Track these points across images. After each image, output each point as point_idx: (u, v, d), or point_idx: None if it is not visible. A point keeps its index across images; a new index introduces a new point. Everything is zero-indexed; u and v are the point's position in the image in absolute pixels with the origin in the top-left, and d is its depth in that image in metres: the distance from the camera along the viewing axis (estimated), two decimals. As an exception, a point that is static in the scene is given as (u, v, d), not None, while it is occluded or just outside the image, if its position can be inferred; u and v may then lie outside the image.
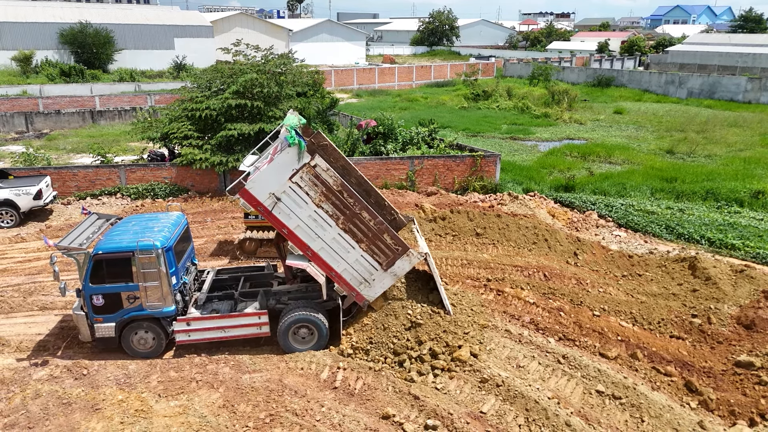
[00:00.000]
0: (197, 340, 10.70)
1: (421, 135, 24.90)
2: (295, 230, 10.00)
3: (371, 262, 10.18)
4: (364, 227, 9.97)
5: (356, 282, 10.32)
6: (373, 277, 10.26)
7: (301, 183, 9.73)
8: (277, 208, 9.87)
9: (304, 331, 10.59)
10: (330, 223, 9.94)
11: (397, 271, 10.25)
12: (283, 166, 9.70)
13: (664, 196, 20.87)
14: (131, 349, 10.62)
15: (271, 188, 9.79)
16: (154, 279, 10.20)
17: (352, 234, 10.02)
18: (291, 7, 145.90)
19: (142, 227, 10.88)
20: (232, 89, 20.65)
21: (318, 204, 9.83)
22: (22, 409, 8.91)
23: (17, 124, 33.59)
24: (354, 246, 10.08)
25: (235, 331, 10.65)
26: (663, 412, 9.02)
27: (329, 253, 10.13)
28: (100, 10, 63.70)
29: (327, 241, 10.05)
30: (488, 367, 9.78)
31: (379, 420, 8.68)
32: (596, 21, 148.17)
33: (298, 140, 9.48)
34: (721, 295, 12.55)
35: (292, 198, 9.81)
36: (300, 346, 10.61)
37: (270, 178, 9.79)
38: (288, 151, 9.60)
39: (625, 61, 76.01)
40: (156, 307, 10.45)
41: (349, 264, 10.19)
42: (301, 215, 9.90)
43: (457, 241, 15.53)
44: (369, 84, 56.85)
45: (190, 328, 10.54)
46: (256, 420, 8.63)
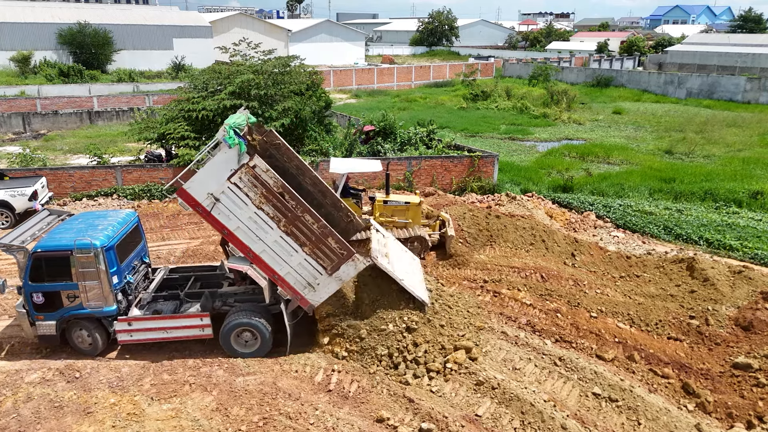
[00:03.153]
0: (140, 340, 10.65)
1: (419, 135, 24.83)
2: (235, 232, 9.81)
3: (315, 266, 9.94)
4: (307, 230, 9.73)
5: (300, 286, 10.10)
6: (317, 281, 10.03)
7: (240, 184, 9.52)
8: (216, 209, 9.68)
9: (248, 335, 10.46)
10: (271, 225, 9.72)
11: (342, 276, 10.00)
12: (221, 166, 9.52)
13: (662, 196, 20.81)
14: (75, 346, 10.69)
15: (209, 188, 9.60)
16: (93, 278, 10.16)
17: (294, 237, 9.78)
18: (290, 8, 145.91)
19: (87, 225, 10.81)
20: (229, 90, 20.59)
21: (258, 205, 9.61)
22: (13, 412, 8.82)
23: (14, 124, 33.52)
24: (297, 249, 9.85)
25: (178, 332, 10.57)
26: (660, 415, 8.95)
27: (271, 256, 9.91)
28: (98, 10, 63.65)
29: (269, 244, 9.84)
30: (484, 369, 9.70)
31: (373, 423, 8.60)
32: (595, 21, 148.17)
33: (238, 141, 9.32)
34: (719, 296, 12.48)
35: (232, 199, 9.62)
36: (243, 350, 10.49)
37: (208, 178, 9.60)
38: (226, 151, 9.42)
39: (624, 61, 75.96)
40: (96, 307, 10.41)
41: (292, 267, 9.96)
42: (241, 216, 9.71)
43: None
44: (368, 84, 56.79)
45: (132, 328, 10.47)
46: (249, 423, 8.54)
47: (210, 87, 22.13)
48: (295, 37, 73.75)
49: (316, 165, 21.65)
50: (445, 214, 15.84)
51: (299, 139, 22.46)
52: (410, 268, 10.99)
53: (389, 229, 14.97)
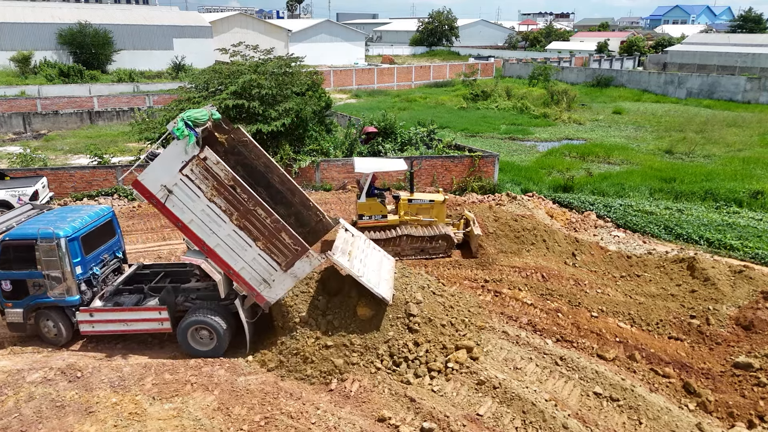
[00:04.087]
0: (101, 332, 10.85)
1: (419, 135, 24.84)
2: (189, 225, 9.82)
3: (270, 262, 9.88)
4: (260, 225, 9.69)
5: (256, 282, 10.05)
6: (272, 277, 9.98)
7: (192, 176, 9.53)
8: (170, 201, 9.70)
9: (205, 333, 10.49)
10: (224, 218, 9.69)
11: (297, 273, 9.93)
12: (173, 158, 9.55)
13: (662, 196, 20.81)
14: (42, 336, 10.93)
15: (162, 180, 9.64)
16: (56, 267, 10.40)
17: (247, 231, 9.74)
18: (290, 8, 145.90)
19: (58, 217, 11.09)
20: (230, 90, 20.59)
21: (210, 198, 9.61)
22: (15, 412, 8.83)
23: (15, 124, 33.53)
24: (251, 244, 9.80)
25: (137, 325, 10.67)
26: (661, 414, 8.96)
27: (226, 250, 9.88)
28: (98, 10, 63.67)
29: (222, 238, 9.81)
30: (485, 368, 9.71)
31: (374, 423, 8.61)
32: (595, 21, 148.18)
33: (188, 132, 9.33)
34: (720, 295, 12.49)
35: (184, 191, 9.63)
36: (199, 348, 10.52)
37: (161, 170, 9.65)
38: (176, 143, 9.47)
39: (624, 61, 75.97)
40: (59, 296, 10.64)
41: (246, 263, 9.92)
42: (194, 209, 9.71)
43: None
44: (368, 84, 56.79)
45: (93, 319, 10.64)
46: (251, 423, 8.55)
47: (211, 87, 22.13)
48: (295, 37, 73.75)
49: (316, 165, 21.68)
50: (468, 213, 15.83)
51: (300, 139, 22.46)
52: (378, 267, 10.88)
53: (415, 227, 15.05)
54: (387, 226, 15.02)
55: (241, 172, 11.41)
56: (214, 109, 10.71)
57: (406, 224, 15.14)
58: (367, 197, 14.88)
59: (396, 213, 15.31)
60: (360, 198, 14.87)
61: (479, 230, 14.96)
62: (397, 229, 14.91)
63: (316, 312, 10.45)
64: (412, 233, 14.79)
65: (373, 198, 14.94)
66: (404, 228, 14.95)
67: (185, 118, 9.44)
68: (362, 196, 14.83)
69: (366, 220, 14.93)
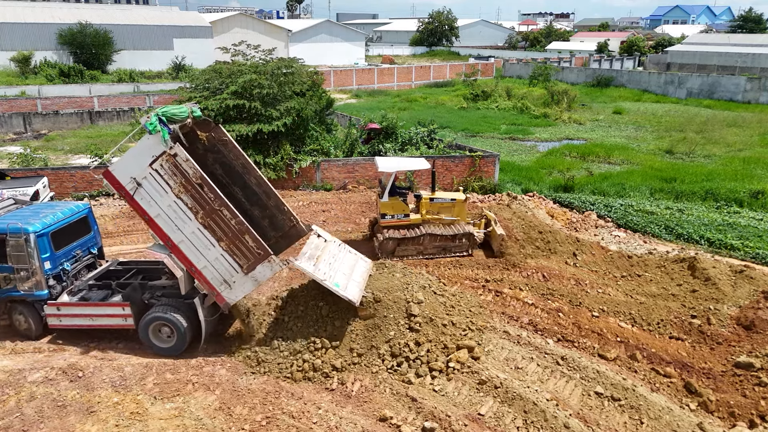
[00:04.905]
0: (68, 326, 11.03)
1: (420, 135, 24.84)
2: (155, 219, 9.92)
3: (232, 263, 9.96)
4: (224, 225, 9.77)
5: (217, 282, 10.13)
6: (233, 279, 10.04)
7: (161, 171, 9.65)
8: (138, 193, 9.83)
9: (166, 330, 10.59)
10: (189, 216, 9.79)
11: (258, 277, 9.99)
12: (144, 152, 9.67)
13: (663, 196, 20.81)
14: (16, 329, 11.15)
15: (132, 173, 9.77)
16: (24, 262, 10.61)
17: (211, 231, 9.82)
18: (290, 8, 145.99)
19: (32, 213, 11.38)
20: (231, 89, 20.59)
21: (177, 194, 9.71)
22: (16, 411, 8.84)
23: (15, 124, 33.54)
24: (214, 244, 9.88)
25: (102, 320, 10.85)
26: (662, 414, 8.96)
27: (189, 247, 9.97)
28: (99, 10, 63.68)
29: (186, 235, 9.91)
30: (486, 368, 9.72)
31: (376, 422, 8.61)
32: (595, 21, 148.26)
33: (161, 128, 9.45)
34: (721, 295, 12.49)
35: (153, 185, 9.75)
36: (160, 345, 10.65)
37: (131, 162, 9.80)
38: (148, 137, 9.59)
39: (624, 62, 76.00)
40: (28, 290, 10.84)
41: (209, 262, 10.01)
42: (162, 204, 9.82)
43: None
44: (368, 84, 56.80)
45: (61, 313, 10.86)
46: (252, 422, 8.56)
47: (211, 87, 22.13)
48: (295, 38, 73.76)
49: (317, 165, 21.68)
50: (489, 213, 15.82)
51: (300, 139, 22.46)
52: (351, 270, 10.86)
53: (437, 225, 15.07)
54: (409, 225, 15.05)
55: (219, 170, 11.56)
56: (196, 106, 10.85)
57: (428, 223, 15.15)
58: (390, 197, 14.90)
59: (417, 212, 15.33)
60: (382, 197, 14.88)
61: (501, 230, 14.93)
62: (420, 228, 14.95)
63: (318, 313, 10.46)
64: (434, 232, 14.83)
65: (395, 197, 14.97)
66: (427, 227, 14.98)
67: (159, 114, 9.61)
68: (385, 196, 14.83)
69: (389, 219, 14.96)
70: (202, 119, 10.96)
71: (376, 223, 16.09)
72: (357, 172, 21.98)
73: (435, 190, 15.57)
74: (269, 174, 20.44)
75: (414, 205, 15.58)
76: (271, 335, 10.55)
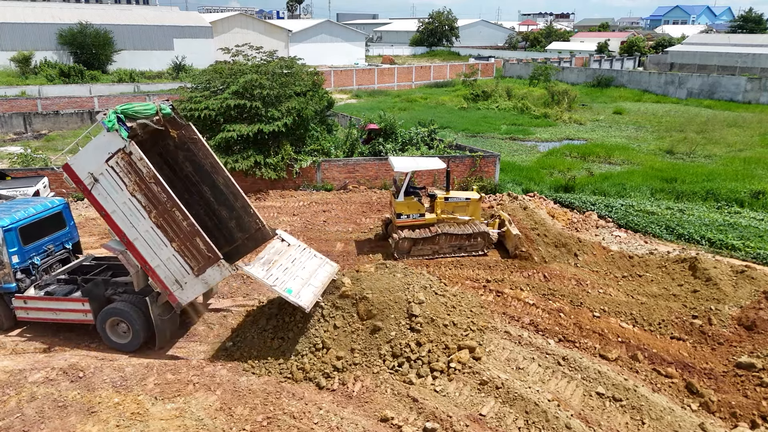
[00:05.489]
0: (34, 319, 11.33)
1: (420, 135, 24.83)
2: (112, 215, 10.05)
3: (183, 265, 10.05)
4: (176, 226, 9.86)
5: (170, 281, 10.22)
6: (185, 280, 10.13)
7: (117, 168, 9.77)
8: (96, 189, 9.97)
9: (124, 326, 10.73)
10: (143, 214, 9.91)
11: (207, 279, 10.06)
12: (101, 148, 9.79)
13: (664, 196, 20.80)
14: None
15: (89, 168, 9.91)
16: None
17: (164, 230, 9.92)
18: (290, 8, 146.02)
19: (5, 208, 11.75)
20: (232, 89, 20.57)
21: (132, 192, 9.83)
22: (17, 412, 8.84)
23: (15, 124, 33.53)
24: (166, 243, 9.98)
25: (64, 314, 11.09)
26: (664, 414, 8.95)
27: (143, 245, 10.08)
28: (99, 10, 63.68)
29: (141, 233, 10.03)
30: (488, 368, 9.70)
31: (377, 423, 8.60)
32: (596, 21, 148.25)
33: (118, 126, 9.56)
34: (722, 295, 12.48)
35: (109, 181, 9.87)
36: (117, 341, 10.81)
37: (89, 157, 9.93)
38: (104, 134, 9.69)
39: (624, 62, 75.99)
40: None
41: (162, 261, 10.11)
42: (117, 200, 9.95)
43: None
44: (368, 84, 56.79)
45: (28, 306, 11.18)
46: (254, 423, 8.55)
47: (212, 87, 22.12)
48: (295, 38, 73.75)
49: (317, 165, 21.67)
50: (504, 213, 15.82)
51: (301, 139, 22.45)
52: (310, 275, 10.80)
53: (452, 225, 15.07)
54: (425, 224, 15.05)
55: (189, 168, 11.71)
56: (166, 104, 10.96)
57: (443, 222, 15.16)
58: (405, 196, 14.90)
59: (432, 211, 15.33)
60: (398, 197, 14.88)
61: (516, 230, 14.90)
62: (436, 228, 14.95)
63: (319, 313, 10.46)
64: (450, 231, 14.84)
65: (410, 197, 14.96)
66: (442, 226, 14.98)
67: (118, 111, 9.74)
68: (400, 195, 14.83)
69: (404, 219, 14.97)
70: (172, 117, 11.11)
71: (390, 223, 16.11)
72: (357, 173, 21.98)
73: (449, 190, 15.56)
74: (270, 174, 20.42)
75: (428, 204, 15.59)
76: (272, 335, 10.55)
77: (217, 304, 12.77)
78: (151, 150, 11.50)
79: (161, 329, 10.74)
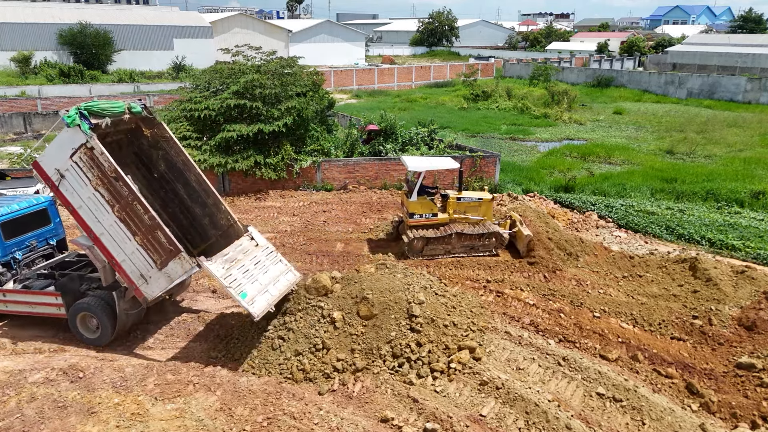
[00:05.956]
0: (13, 312, 11.56)
1: (420, 135, 24.82)
2: (78, 210, 10.17)
3: (147, 258, 10.13)
4: (138, 220, 9.95)
5: (135, 276, 10.30)
6: (149, 274, 10.21)
7: (80, 163, 9.88)
8: (63, 185, 10.09)
9: (94, 321, 10.85)
10: (107, 209, 10.01)
11: (170, 273, 10.09)
12: (65, 144, 9.92)
13: (664, 196, 20.80)
14: None
15: (56, 164, 10.05)
16: None
17: (127, 224, 10.02)
18: (290, 8, 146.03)
19: None
20: (232, 89, 20.57)
21: (95, 187, 9.94)
22: (17, 412, 8.82)
23: (15, 124, 33.51)
24: (130, 237, 10.07)
25: (39, 308, 11.30)
26: (664, 415, 8.94)
27: (109, 240, 10.18)
28: (99, 10, 63.68)
29: (106, 227, 10.13)
30: (488, 369, 9.70)
31: (377, 423, 8.60)
32: (596, 21, 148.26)
33: (80, 121, 9.67)
34: (722, 296, 12.47)
35: (74, 177, 9.99)
36: (88, 335, 10.99)
37: (55, 154, 10.08)
38: (66, 130, 9.82)
39: (624, 62, 75.99)
40: None
41: (127, 255, 10.19)
42: (83, 196, 10.06)
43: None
44: (368, 84, 56.79)
45: (6, 299, 11.43)
46: (254, 423, 8.54)
47: (212, 87, 22.12)
48: (295, 38, 73.75)
49: (317, 165, 21.66)
50: (515, 214, 15.80)
51: (301, 139, 22.45)
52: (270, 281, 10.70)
53: (464, 225, 15.10)
54: (437, 224, 15.06)
55: (163, 167, 11.83)
56: (137, 102, 11.07)
57: (456, 222, 15.18)
58: (418, 195, 14.91)
59: (444, 211, 15.34)
60: (411, 197, 14.88)
61: (528, 231, 14.88)
62: (449, 227, 14.96)
63: (319, 313, 10.45)
64: (463, 231, 14.85)
65: (423, 196, 14.96)
66: (455, 226, 14.99)
67: (81, 108, 9.87)
68: (413, 195, 14.83)
69: (417, 218, 14.99)
70: (144, 116, 11.20)
71: (401, 223, 16.12)
72: (357, 173, 21.97)
73: (461, 190, 15.58)
74: (270, 174, 20.42)
75: (440, 204, 15.59)
76: (272, 336, 10.54)
77: (217, 304, 12.77)
78: (127, 149, 11.71)
79: (124, 323, 10.94)
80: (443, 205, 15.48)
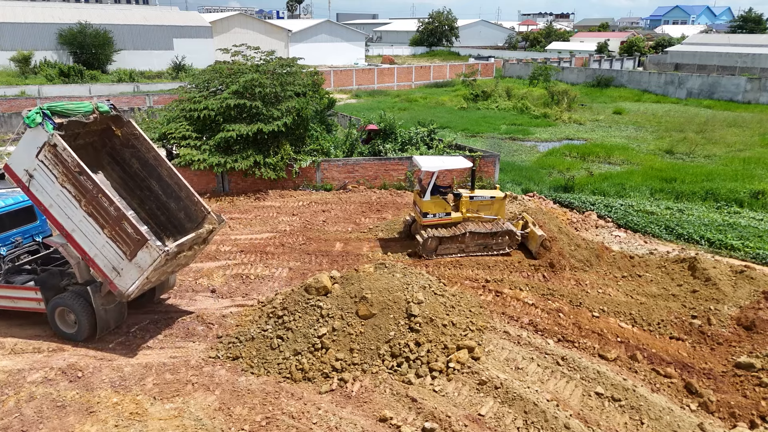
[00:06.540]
0: None
1: (420, 135, 24.82)
2: (49, 209, 10.27)
3: (117, 251, 10.21)
4: (104, 212, 10.03)
5: (108, 269, 10.37)
6: (121, 266, 10.28)
7: (46, 161, 9.98)
8: (32, 185, 10.20)
9: (72, 317, 10.92)
10: (75, 204, 10.10)
11: (141, 263, 10.14)
12: (30, 144, 10.03)
13: (663, 196, 20.80)
14: None
15: (24, 165, 10.18)
16: None
17: (95, 218, 10.10)
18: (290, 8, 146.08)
19: None
20: (232, 89, 20.57)
21: (62, 184, 10.03)
22: (15, 412, 8.83)
23: (15, 124, 33.49)
24: (99, 231, 10.16)
25: (21, 303, 11.39)
26: (663, 414, 8.95)
27: (80, 236, 10.27)
28: (99, 10, 63.71)
29: (76, 223, 10.22)
30: (487, 368, 9.70)
31: (376, 423, 8.60)
32: (595, 21, 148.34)
33: (41, 120, 9.78)
34: (721, 296, 12.48)
35: (42, 176, 10.09)
36: (66, 330, 11.04)
37: (22, 155, 10.19)
38: (29, 131, 9.96)
39: (624, 62, 76.00)
40: None
41: (98, 249, 10.28)
42: (51, 194, 10.16)
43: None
44: (368, 84, 56.80)
45: None
46: (252, 423, 8.55)
47: (212, 86, 22.12)
48: (295, 38, 73.77)
49: (317, 165, 21.66)
50: (527, 215, 15.77)
51: (300, 139, 22.45)
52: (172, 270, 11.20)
53: (477, 224, 15.10)
54: (451, 223, 15.07)
55: (137, 165, 11.93)
56: (104, 102, 11.18)
57: (469, 221, 15.18)
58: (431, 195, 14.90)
59: (457, 210, 15.35)
60: (424, 196, 14.88)
61: (540, 231, 14.85)
62: (462, 226, 14.96)
63: (318, 313, 10.46)
64: (476, 230, 14.84)
65: (436, 196, 14.97)
66: (468, 225, 14.99)
67: (43, 108, 10.00)
68: (427, 195, 14.83)
69: (430, 218, 14.98)
70: (112, 115, 11.27)
71: (413, 223, 16.12)
72: (357, 173, 21.97)
73: (474, 188, 15.58)
74: (269, 174, 20.41)
75: (453, 203, 15.61)
76: (271, 335, 10.55)
77: (216, 303, 12.77)
78: (102, 151, 11.82)
79: (104, 319, 10.97)
80: (456, 204, 15.48)
